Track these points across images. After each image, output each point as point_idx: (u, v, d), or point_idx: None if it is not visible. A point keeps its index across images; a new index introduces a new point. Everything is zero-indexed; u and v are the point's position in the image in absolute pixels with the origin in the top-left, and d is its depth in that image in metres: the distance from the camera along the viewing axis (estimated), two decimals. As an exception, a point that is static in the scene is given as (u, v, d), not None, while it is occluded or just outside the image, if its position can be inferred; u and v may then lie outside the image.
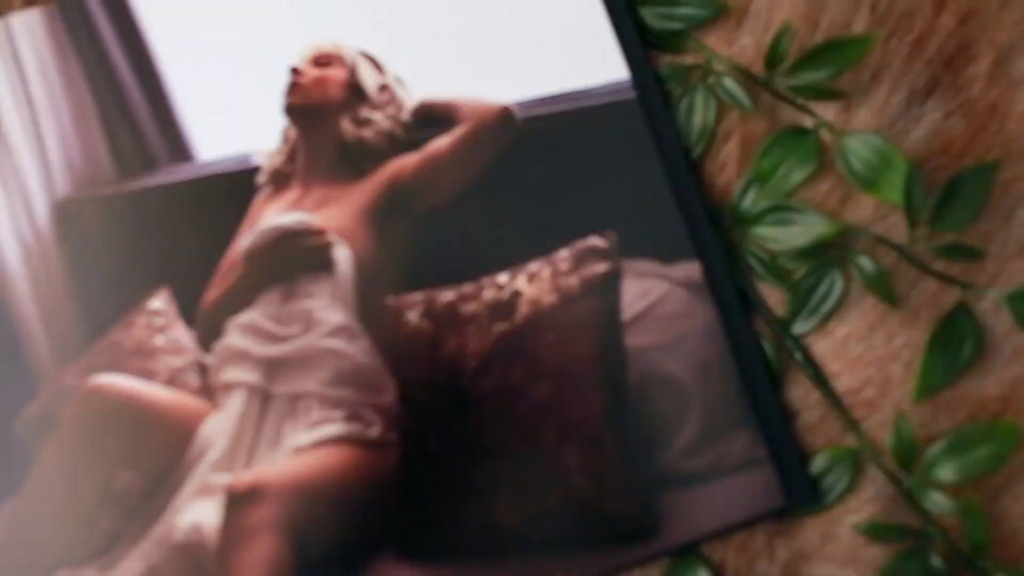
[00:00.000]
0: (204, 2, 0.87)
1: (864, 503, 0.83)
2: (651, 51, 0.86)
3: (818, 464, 0.83)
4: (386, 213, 0.86)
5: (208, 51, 0.87)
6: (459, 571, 0.81)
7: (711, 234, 0.84)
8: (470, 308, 0.83)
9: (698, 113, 0.86)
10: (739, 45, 0.86)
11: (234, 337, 0.85)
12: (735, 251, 0.85)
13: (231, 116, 0.86)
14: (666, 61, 0.87)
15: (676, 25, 0.86)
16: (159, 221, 0.86)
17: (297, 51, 0.87)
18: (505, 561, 0.81)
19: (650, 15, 0.86)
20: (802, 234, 0.83)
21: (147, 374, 0.85)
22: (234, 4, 0.87)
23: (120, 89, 0.87)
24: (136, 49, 0.87)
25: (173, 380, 0.86)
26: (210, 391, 0.86)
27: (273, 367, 0.85)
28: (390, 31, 0.87)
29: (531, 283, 0.83)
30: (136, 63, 0.87)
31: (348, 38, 0.87)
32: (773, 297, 0.85)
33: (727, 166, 0.86)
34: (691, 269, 0.83)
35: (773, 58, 0.84)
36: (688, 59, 0.87)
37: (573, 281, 0.82)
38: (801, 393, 0.84)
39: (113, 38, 0.86)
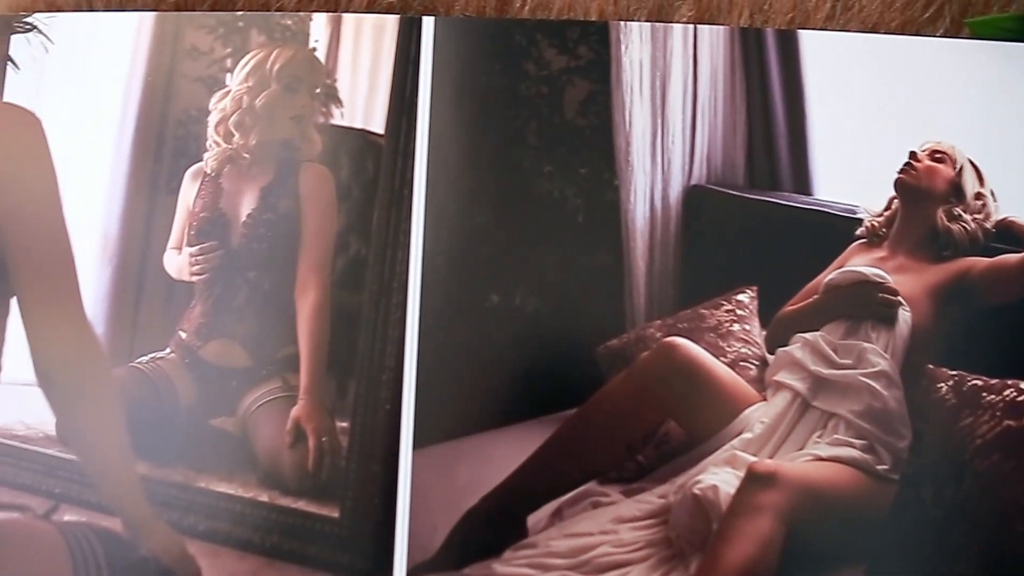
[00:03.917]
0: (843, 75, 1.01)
1: None
2: None
3: None
4: (949, 298, 1.00)
5: (849, 110, 1.00)
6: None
7: None
8: (990, 398, 0.96)
9: None
10: None
11: (796, 348, 1.00)
12: None
13: (851, 171, 1.01)
14: None
15: None
16: (767, 231, 1.00)
17: (919, 141, 1.01)
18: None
19: None
20: None
21: (716, 350, 1.00)
22: (866, 90, 1.00)
23: (770, 115, 1.02)
24: (793, 88, 1.01)
25: (735, 363, 1.01)
26: (762, 383, 1.01)
27: (819, 384, 0.99)
28: (997, 151, 1.01)
29: (1046, 397, 0.97)
30: (790, 99, 1.01)
31: (962, 145, 1.01)
32: None
33: None
34: None
35: None
36: None
37: (1083, 408, 0.96)
38: None
39: (777, 72, 1.01)
